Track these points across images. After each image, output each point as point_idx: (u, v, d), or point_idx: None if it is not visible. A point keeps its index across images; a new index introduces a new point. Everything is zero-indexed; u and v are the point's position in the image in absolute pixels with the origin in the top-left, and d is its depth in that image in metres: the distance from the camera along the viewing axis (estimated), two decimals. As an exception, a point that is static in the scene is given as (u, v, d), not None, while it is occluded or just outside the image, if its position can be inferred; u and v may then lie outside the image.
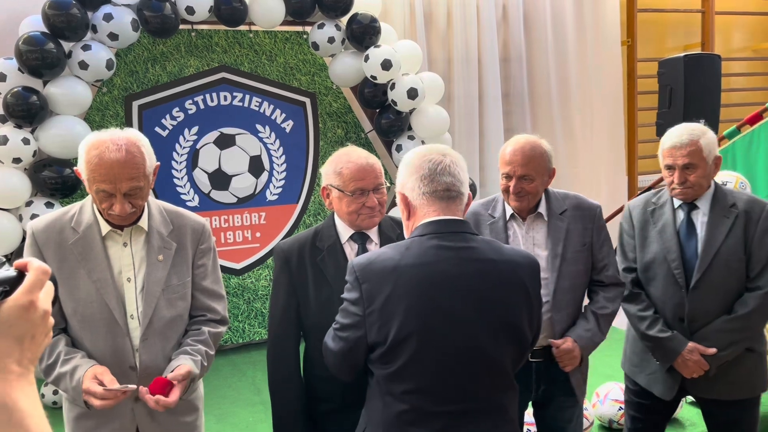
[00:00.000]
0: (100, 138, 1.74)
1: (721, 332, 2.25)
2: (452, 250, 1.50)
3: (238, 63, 4.62)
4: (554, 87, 5.73)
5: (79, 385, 1.71)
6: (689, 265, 2.28)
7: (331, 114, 4.90)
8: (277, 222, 4.83)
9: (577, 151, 5.82)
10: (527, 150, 2.15)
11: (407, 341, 1.45)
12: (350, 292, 1.53)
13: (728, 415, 2.35)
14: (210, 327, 1.96)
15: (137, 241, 1.86)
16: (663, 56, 5.38)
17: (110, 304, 1.80)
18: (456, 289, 1.47)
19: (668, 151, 2.28)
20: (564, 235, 2.20)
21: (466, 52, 5.38)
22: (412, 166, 1.57)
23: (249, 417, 3.65)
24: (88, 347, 1.82)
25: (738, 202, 2.28)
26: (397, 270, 1.47)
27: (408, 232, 1.62)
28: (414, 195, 1.56)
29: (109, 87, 4.31)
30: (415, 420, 1.48)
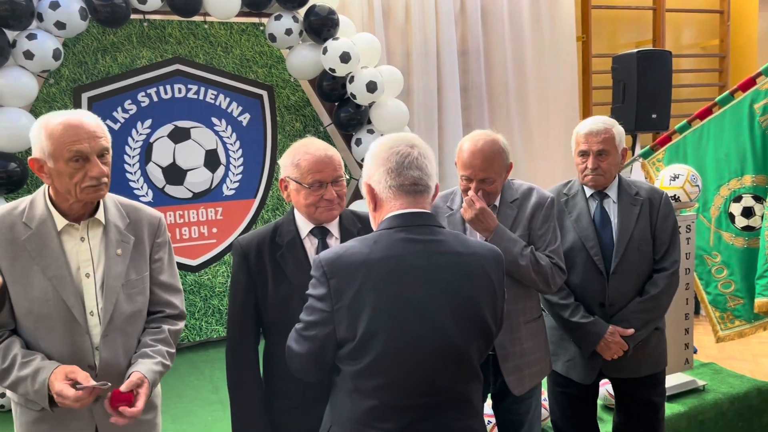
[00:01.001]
0: (55, 113, 1.70)
1: (637, 313, 2.39)
2: (420, 243, 1.49)
3: (192, 55, 4.51)
4: (511, 81, 5.77)
5: (43, 388, 1.64)
6: (606, 251, 2.41)
7: (289, 107, 4.84)
8: (234, 217, 4.74)
9: (533, 146, 5.89)
10: (486, 152, 2.14)
11: (377, 336, 1.43)
12: (317, 288, 1.49)
13: (639, 394, 2.49)
14: (169, 324, 1.91)
15: (95, 235, 1.79)
16: (616, 52, 5.49)
17: (68, 301, 1.72)
18: (424, 282, 1.46)
19: (584, 136, 2.42)
20: (511, 222, 2.22)
21: (424, 46, 5.37)
22: (379, 157, 1.54)
23: (207, 416, 3.57)
24: (44, 348, 1.73)
25: (640, 190, 2.47)
26: (366, 264, 1.44)
27: (375, 224, 1.60)
28: (381, 188, 1.54)
29: (56, 78, 4.15)
30: (384, 415, 1.46)
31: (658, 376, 2.51)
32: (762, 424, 3.46)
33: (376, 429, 1.46)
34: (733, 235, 3.84)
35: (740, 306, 3.83)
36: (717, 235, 3.89)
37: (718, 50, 6.80)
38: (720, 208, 3.87)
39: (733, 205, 3.82)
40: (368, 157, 1.59)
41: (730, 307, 3.86)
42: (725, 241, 3.87)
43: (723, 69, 6.78)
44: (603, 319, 2.40)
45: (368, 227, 1.93)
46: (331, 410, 1.57)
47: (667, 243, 2.43)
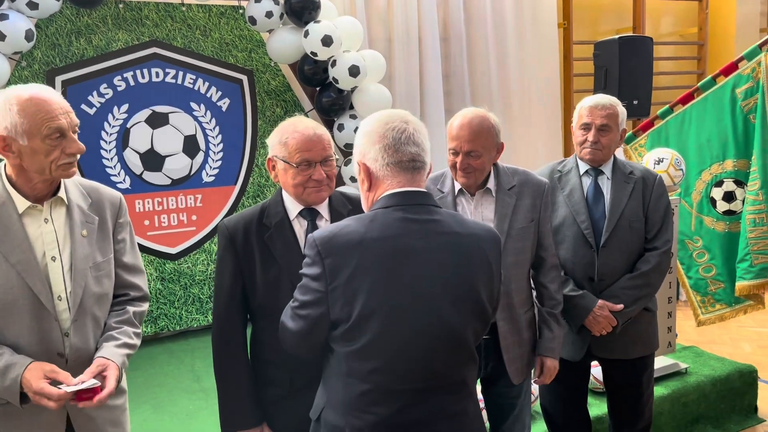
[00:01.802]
0: (17, 87, 1.63)
1: (626, 289, 2.39)
2: (418, 222, 1.45)
3: (170, 38, 4.41)
4: (493, 67, 5.75)
5: (15, 384, 1.56)
6: (597, 226, 2.41)
7: (270, 92, 4.76)
8: (214, 204, 4.66)
9: (515, 132, 5.87)
10: (474, 125, 2.10)
11: (372, 318, 1.39)
12: (311, 267, 1.44)
13: (628, 376, 2.50)
14: (134, 307, 1.85)
15: (58, 216, 1.71)
16: (597, 39, 5.49)
17: (35, 287, 1.63)
18: (422, 263, 1.42)
19: (588, 109, 2.43)
20: (511, 211, 2.17)
21: (406, 31, 5.32)
22: (375, 134, 1.48)
23: (189, 405, 3.52)
24: (10, 338, 1.63)
25: (635, 170, 2.48)
26: (362, 244, 1.40)
27: (368, 204, 1.54)
28: (377, 166, 1.48)
29: (29, 61, 4.03)
30: (378, 399, 1.43)
31: (647, 359, 2.52)
32: (744, 406, 3.50)
33: (368, 413, 1.43)
34: (714, 219, 3.87)
35: (721, 290, 3.87)
36: (698, 220, 3.91)
37: (697, 38, 6.84)
38: (701, 192, 3.89)
39: (715, 189, 3.84)
40: (361, 134, 1.52)
41: (711, 291, 3.90)
42: (707, 226, 3.89)
43: (701, 57, 6.83)
44: (592, 294, 2.39)
45: (359, 208, 1.88)
46: (325, 392, 1.53)
47: (660, 223, 2.43)
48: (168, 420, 3.36)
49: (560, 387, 2.53)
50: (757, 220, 3.61)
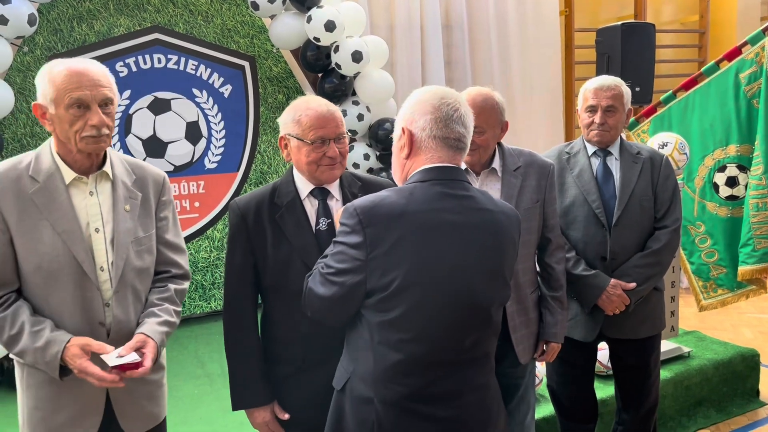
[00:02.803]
0: (62, 59, 1.67)
1: (638, 267, 2.40)
2: (456, 198, 1.47)
3: (172, 24, 4.39)
4: (495, 56, 5.74)
5: (54, 360, 1.60)
6: (608, 205, 2.42)
7: (272, 78, 4.75)
8: (216, 191, 4.66)
9: (517, 120, 5.87)
10: (478, 102, 2.08)
11: (409, 289, 1.41)
12: (350, 235, 1.44)
13: (637, 356, 2.52)
14: (175, 284, 1.87)
15: (103, 190, 1.74)
16: (598, 27, 5.48)
17: (79, 256, 1.67)
18: (459, 237, 1.45)
19: (593, 91, 2.43)
20: (517, 192, 2.17)
21: (408, 19, 5.30)
22: (428, 104, 1.49)
23: (194, 390, 3.53)
24: (53, 305, 1.67)
25: (642, 150, 2.49)
26: (404, 215, 1.42)
27: (402, 172, 1.55)
28: (423, 135, 1.49)
29: (30, 46, 4.01)
30: (410, 370, 1.45)
31: (655, 340, 2.53)
32: (746, 389, 3.53)
33: (399, 384, 1.45)
34: (717, 204, 3.88)
35: (723, 275, 3.89)
36: (701, 205, 3.93)
37: (698, 26, 6.83)
38: (704, 178, 3.90)
39: (718, 174, 3.85)
40: (413, 102, 1.53)
41: (713, 277, 3.91)
42: (709, 211, 3.91)
43: (702, 45, 6.82)
44: (605, 273, 2.40)
45: (369, 189, 1.88)
46: (351, 362, 1.53)
47: (668, 202, 2.44)
48: (173, 405, 3.36)
49: (568, 368, 2.55)
50: (760, 204, 3.62)
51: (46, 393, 1.71)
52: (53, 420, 1.72)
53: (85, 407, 1.73)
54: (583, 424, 2.61)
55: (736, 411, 3.44)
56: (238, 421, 3.11)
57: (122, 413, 1.78)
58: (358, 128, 4.46)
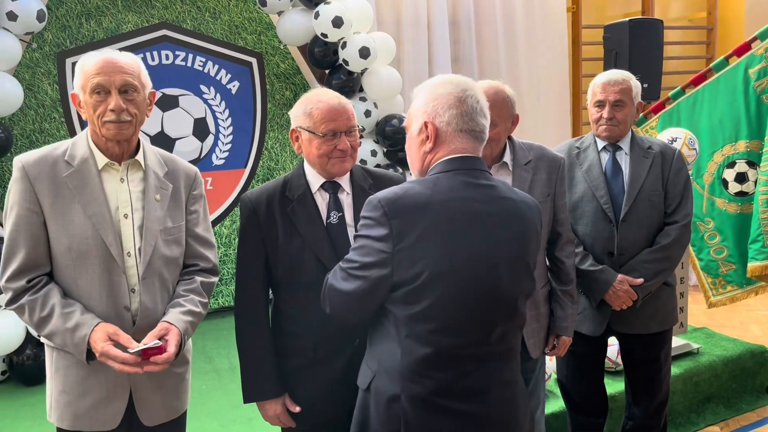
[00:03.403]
0: (102, 50, 1.75)
1: (647, 263, 2.39)
2: (480, 187, 1.47)
3: (180, 20, 4.40)
4: (502, 52, 5.73)
5: (82, 343, 1.64)
6: (616, 200, 2.42)
7: (279, 75, 4.75)
8: (224, 188, 4.67)
9: (523, 117, 5.85)
10: (490, 95, 2.06)
11: (438, 280, 1.39)
12: (375, 228, 1.42)
13: (647, 351, 2.51)
14: (202, 277, 1.88)
15: (134, 178, 1.78)
16: (606, 23, 5.46)
17: (107, 239, 1.70)
18: (485, 226, 1.44)
19: (601, 86, 2.43)
20: (528, 186, 2.17)
21: (415, 15, 5.30)
22: (453, 97, 1.48)
23: (202, 385, 3.54)
24: (82, 287, 1.71)
25: (653, 145, 2.48)
26: (429, 206, 1.41)
27: (423, 164, 1.53)
28: (448, 129, 1.48)
29: (39, 42, 4.02)
30: (440, 364, 1.43)
31: (665, 334, 2.52)
32: (755, 386, 3.51)
33: (429, 378, 1.43)
34: (726, 200, 3.86)
35: (732, 271, 3.87)
36: (710, 201, 3.91)
37: (706, 22, 6.80)
38: (713, 174, 3.88)
39: (727, 171, 3.83)
40: (433, 95, 1.50)
41: (722, 273, 3.89)
42: (718, 207, 3.89)
43: (710, 42, 6.79)
44: (612, 269, 2.39)
45: (380, 184, 1.88)
46: (375, 358, 1.51)
47: (679, 197, 2.43)
48: (182, 399, 3.39)
49: (578, 363, 2.55)
50: (769, 200, 3.60)
51: (74, 377, 1.74)
52: (79, 404, 1.75)
53: (110, 393, 1.76)
54: (594, 418, 2.61)
55: (745, 407, 3.42)
56: (246, 416, 3.13)
57: (143, 403, 1.80)
58: (365, 124, 4.46)
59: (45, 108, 4.10)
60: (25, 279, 1.70)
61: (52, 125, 4.10)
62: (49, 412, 1.81)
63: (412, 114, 1.55)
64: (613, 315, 2.43)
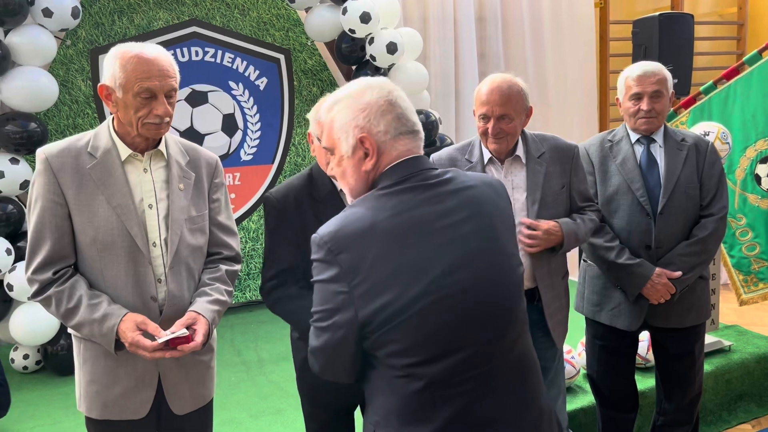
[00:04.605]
0: (132, 43, 1.70)
1: (684, 256, 2.36)
2: (430, 187, 1.31)
3: (209, 17, 4.45)
4: (529, 48, 5.70)
5: (111, 333, 1.65)
6: (653, 193, 2.39)
7: (306, 71, 4.78)
8: (252, 183, 4.71)
9: (550, 113, 5.83)
10: (504, 89, 2.08)
11: (409, 305, 1.22)
12: (325, 270, 1.26)
13: (682, 345, 2.48)
14: (226, 265, 1.90)
15: (157, 168, 1.79)
16: (634, 18, 5.40)
17: (132, 230, 1.71)
18: (447, 228, 1.27)
19: (637, 79, 2.39)
20: (542, 179, 2.16)
21: (441, 11, 5.29)
22: (384, 102, 1.32)
23: (231, 377, 3.58)
24: (107, 278, 1.72)
25: (686, 137, 2.46)
26: (374, 228, 1.24)
27: (364, 186, 1.35)
28: (387, 138, 1.31)
29: (73, 40, 4.10)
30: (437, 398, 1.25)
31: (699, 328, 2.49)
32: (788, 384, 3.46)
33: (430, 420, 1.25)
34: (758, 197, 3.79)
35: (765, 268, 3.80)
36: (742, 198, 3.85)
37: (736, 18, 6.69)
38: (746, 169, 3.82)
39: (760, 166, 3.77)
40: (358, 107, 1.32)
41: (755, 270, 3.83)
42: (750, 203, 3.82)
43: (741, 37, 6.67)
44: (649, 262, 2.37)
45: None
46: (374, 410, 1.33)
47: (714, 189, 2.40)
48: (211, 390, 3.43)
49: (610, 357, 2.53)
50: (804, 196, 3.54)
51: (102, 367, 1.76)
52: (108, 394, 1.76)
53: (138, 382, 1.77)
54: (624, 413, 2.59)
55: (778, 406, 3.38)
56: (275, 407, 3.16)
57: (172, 392, 1.82)
58: (392, 120, 4.46)
59: (78, 104, 4.17)
60: (51, 271, 1.70)
61: (85, 120, 4.18)
62: (78, 401, 1.83)
63: (334, 133, 1.35)
64: (649, 309, 2.40)
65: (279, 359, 3.76)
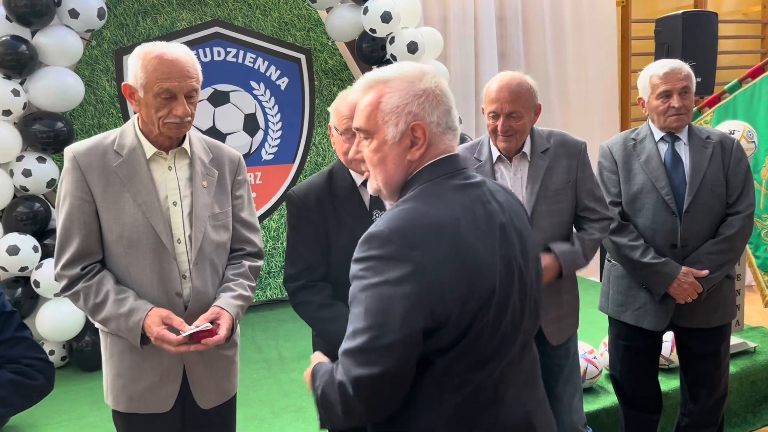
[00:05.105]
0: (156, 43, 1.72)
1: (711, 254, 2.33)
2: (475, 186, 1.27)
3: (231, 17, 4.49)
4: (550, 47, 5.67)
5: (137, 328, 1.68)
6: (678, 192, 2.36)
7: (327, 71, 4.80)
8: (272, 182, 4.74)
9: (571, 112, 5.79)
10: (514, 86, 2.08)
11: (477, 307, 1.17)
12: (393, 268, 1.13)
13: (707, 345, 2.44)
14: (249, 261, 1.92)
15: (181, 166, 1.82)
16: (656, 17, 5.34)
17: (157, 227, 1.74)
18: (500, 229, 1.25)
19: (665, 76, 2.36)
20: (543, 172, 2.16)
21: (462, 11, 5.29)
22: (439, 91, 1.27)
23: (253, 374, 3.61)
24: (133, 274, 1.76)
25: (711, 135, 2.43)
26: (443, 224, 1.17)
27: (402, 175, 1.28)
28: (438, 130, 1.26)
29: (98, 40, 4.16)
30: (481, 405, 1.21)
31: (725, 328, 2.47)
32: (815, 386, 3.40)
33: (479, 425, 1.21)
34: (785, 196, 3.75)
35: (790, 270, 3.75)
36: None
37: (760, 16, 6.60)
38: (772, 169, 3.77)
39: (786, 166, 3.72)
40: (413, 92, 1.25)
41: (780, 271, 3.78)
42: (776, 204, 3.78)
43: (765, 36, 6.59)
44: (675, 261, 2.34)
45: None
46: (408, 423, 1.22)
47: (741, 187, 2.38)
48: (233, 387, 3.46)
49: (633, 358, 2.51)
50: (832, 196, 3.48)
51: (128, 361, 1.79)
52: (134, 388, 1.79)
53: (163, 376, 1.80)
54: (648, 414, 2.57)
55: (804, 409, 3.32)
56: (296, 405, 3.18)
57: (197, 386, 1.84)
58: (412, 119, 4.47)
59: (103, 104, 4.23)
60: (80, 266, 1.73)
61: (109, 120, 4.24)
62: (105, 394, 1.86)
63: (380, 115, 1.26)
64: (675, 309, 2.38)
65: (300, 357, 3.78)
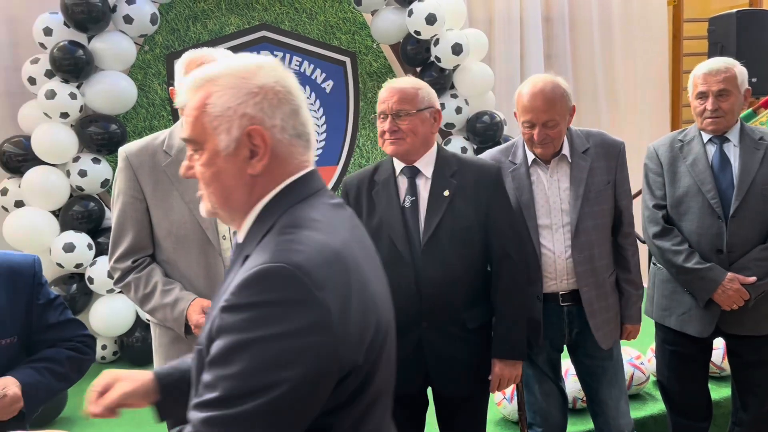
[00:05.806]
0: (202, 49, 1.90)
1: (759, 261, 2.26)
2: (341, 208, 1.09)
3: (278, 21, 4.57)
4: (597, 48, 5.57)
5: (181, 317, 1.76)
6: (725, 195, 2.29)
7: (372, 74, 4.83)
8: (317, 184, 4.79)
9: (620, 114, 5.67)
10: (548, 93, 2.03)
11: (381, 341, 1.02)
12: (295, 315, 0.88)
13: (758, 353, 2.36)
14: None
15: None
16: (709, 16, 5.20)
17: (203, 224, 1.83)
18: (371, 253, 1.10)
19: (703, 77, 2.31)
20: (587, 174, 2.14)
21: (507, 12, 5.25)
22: (280, 88, 1.01)
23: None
24: (181, 268, 1.85)
25: (765, 136, 2.34)
26: (338, 255, 0.96)
27: (246, 197, 1.02)
28: (284, 136, 1.01)
29: (150, 45, 4.29)
30: None
31: None
32: None
33: None
34: None
35: None
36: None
37: (822, 14, 6.35)
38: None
39: None
40: (248, 89, 0.99)
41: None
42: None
43: (827, 34, 6.34)
44: (720, 267, 2.27)
45: (465, 171, 1.95)
46: None
47: None
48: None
49: (681, 364, 2.44)
50: None
51: (175, 352, 1.86)
52: None
53: None
54: (697, 422, 2.50)
55: None
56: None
57: None
58: (455, 121, 4.47)
59: (155, 107, 4.36)
60: (131, 260, 1.84)
61: (160, 122, 4.36)
62: None
63: (207, 120, 1.00)
64: (722, 315, 2.31)
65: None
